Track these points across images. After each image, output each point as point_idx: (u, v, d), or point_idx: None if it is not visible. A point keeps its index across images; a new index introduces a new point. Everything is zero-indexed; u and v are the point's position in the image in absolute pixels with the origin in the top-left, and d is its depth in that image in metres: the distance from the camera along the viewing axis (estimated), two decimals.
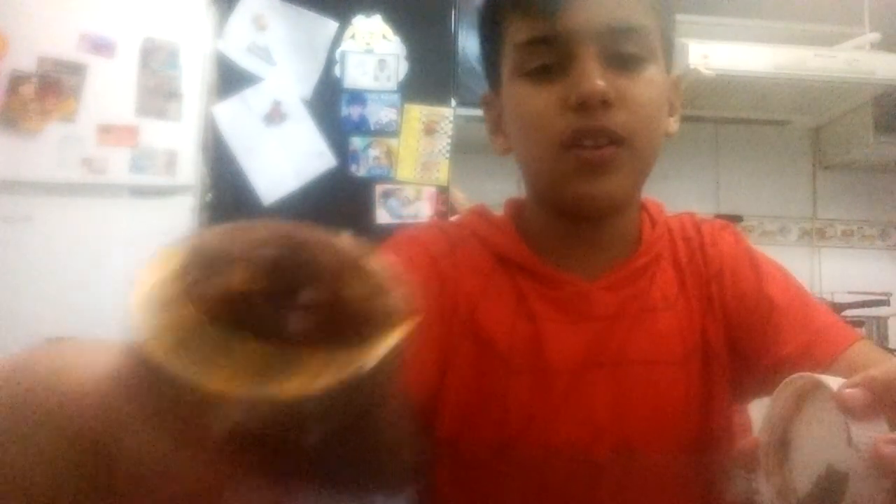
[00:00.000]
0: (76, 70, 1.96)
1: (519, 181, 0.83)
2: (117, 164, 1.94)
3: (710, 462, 0.73)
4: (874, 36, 2.45)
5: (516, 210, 0.84)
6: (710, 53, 2.32)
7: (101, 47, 1.99)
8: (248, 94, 2.13)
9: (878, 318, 2.42)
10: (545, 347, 0.73)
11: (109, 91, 1.97)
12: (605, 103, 0.68)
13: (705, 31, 2.48)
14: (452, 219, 0.86)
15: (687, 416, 0.74)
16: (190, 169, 1.98)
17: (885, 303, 2.48)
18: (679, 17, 2.64)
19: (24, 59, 1.95)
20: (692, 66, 2.30)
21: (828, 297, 2.64)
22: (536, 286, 0.76)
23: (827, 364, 0.68)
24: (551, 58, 0.71)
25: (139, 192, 1.95)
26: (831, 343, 0.70)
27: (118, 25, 2.01)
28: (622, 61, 0.70)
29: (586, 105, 0.68)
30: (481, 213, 0.84)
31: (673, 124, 0.80)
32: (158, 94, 2.00)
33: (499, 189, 2.68)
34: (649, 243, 0.80)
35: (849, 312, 2.51)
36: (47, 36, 1.97)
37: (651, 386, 0.73)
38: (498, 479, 0.72)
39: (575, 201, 0.74)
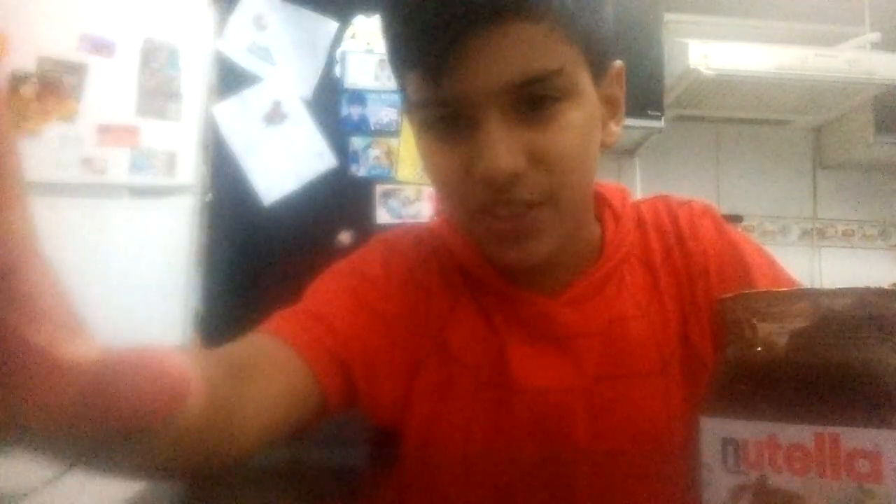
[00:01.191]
0: (76, 70, 1.96)
1: None
2: (117, 165, 1.94)
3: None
4: (874, 36, 2.45)
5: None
6: (711, 53, 2.32)
7: (101, 47, 1.98)
8: (248, 94, 2.13)
9: None
10: (512, 367, 0.70)
11: (109, 91, 1.97)
12: (513, 178, 0.61)
13: (705, 31, 2.48)
14: (426, 223, 0.83)
15: (670, 428, 0.70)
16: (190, 169, 1.98)
17: None
18: (679, 16, 2.65)
19: (25, 59, 1.95)
20: (692, 66, 2.30)
21: None
22: (500, 304, 0.73)
23: None
24: (450, 118, 0.63)
25: (139, 192, 1.95)
26: None
27: (118, 26, 2.00)
28: (533, 109, 0.62)
29: (492, 184, 0.61)
30: (451, 224, 0.78)
31: (612, 132, 0.73)
32: (158, 94, 1.99)
33: None
34: (613, 246, 0.75)
35: None
36: (47, 36, 1.97)
37: (628, 401, 0.70)
38: (464, 494, 0.69)
39: (500, 264, 0.71)
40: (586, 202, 0.73)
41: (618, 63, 0.75)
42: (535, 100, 0.61)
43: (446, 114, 0.63)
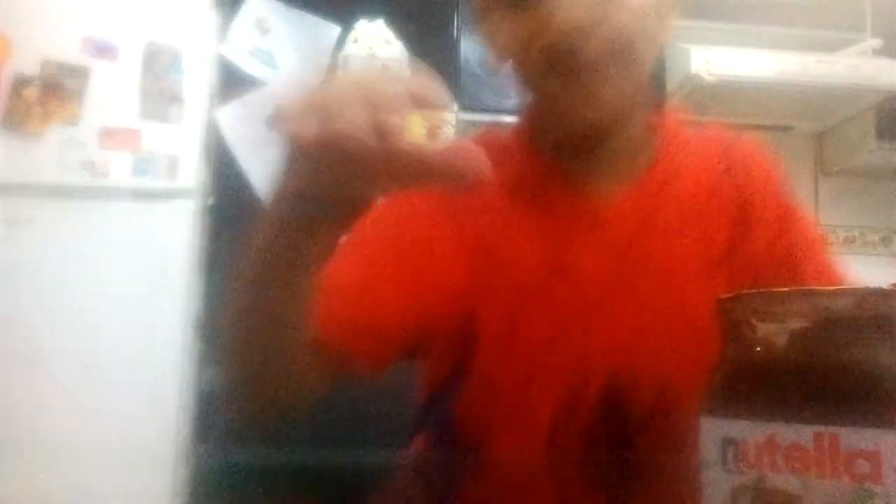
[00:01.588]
0: (79, 73, 1.97)
1: None
2: (119, 168, 1.95)
3: None
4: (876, 42, 2.45)
5: (530, 128, 0.82)
6: (712, 59, 2.32)
7: (104, 51, 1.99)
8: (251, 97, 2.13)
9: None
10: (568, 266, 0.73)
11: (112, 94, 1.98)
12: (579, 34, 0.66)
13: (707, 37, 2.48)
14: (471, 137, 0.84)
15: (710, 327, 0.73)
16: (192, 173, 1.98)
17: None
18: (681, 22, 2.64)
19: (28, 63, 1.95)
20: (694, 72, 2.31)
21: None
22: (553, 207, 0.76)
23: None
24: None
25: (141, 195, 1.95)
26: None
27: (121, 29, 2.01)
28: None
29: (557, 43, 0.66)
30: (497, 134, 0.82)
31: (666, 30, 0.76)
32: (161, 97, 2.00)
33: None
34: (666, 160, 0.79)
35: None
36: (50, 39, 1.97)
37: (674, 293, 0.73)
38: (528, 397, 0.72)
39: (568, 124, 0.73)
40: (645, 69, 0.74)
41: None
42: None
43: None
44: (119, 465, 1.74)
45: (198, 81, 2.04)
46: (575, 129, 0.74)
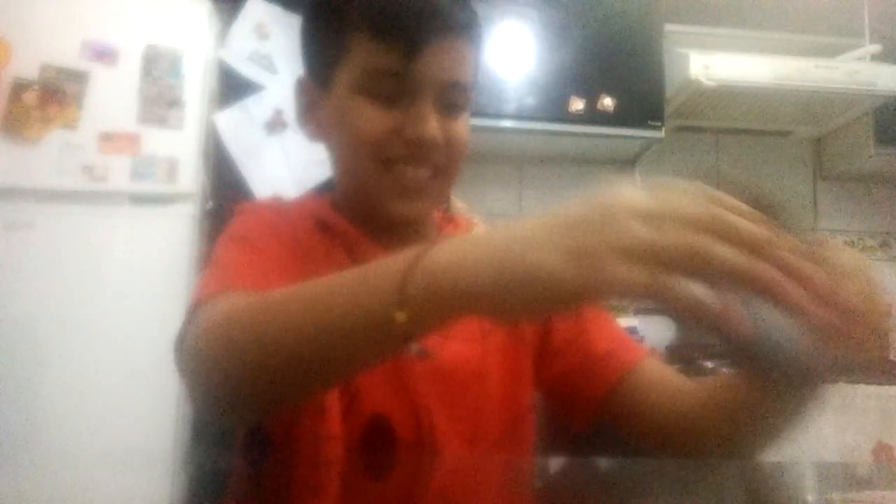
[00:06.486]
0: (78, 78, 1.97)
1: (519, 191, 0.88)
2: (118, 172, 1.95)
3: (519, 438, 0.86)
4: (875, 47, 2.46)
5: (328, 190, 0.93)
6: (711, 64, 2.32)
7: (104, 55, 1.99)
8: (250, 102, 2.13)
9: None
10: None
11: (111, 99, 1.98)
12: (435, 145, 0.79)
13: (706, 42, 2.49)
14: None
15: (485, 387, 0.83)
16: (191, 177, 1.98)
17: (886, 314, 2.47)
18: (680, 27, 2.66)
19: (27, 67, 1.95)
20: (693, 77, 2.31)
21: None
22: (341, 246, 0.84)
23: (630, 367, 0.85)
24: (396, 90, 0.78)
25: (140, 199, 1.95)
26: (631, 351, 0.87)
27: (120, 33, 2.01)
28: (450, 109, 0.81)
29: (419, 146, 0.78)
30: (305, 192, 0.95)
31: None
32: (160, 101, 2.00)
33: (499, 198, 2.71)
34: (446, 234, 0.91)
35: None
36: (50, 43, 1.98)
37: (450, 356, 0.80)
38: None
39: (386, 217, 0.83)
40: (449, 194, 0.90)
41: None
42: (451, 105, 0.81)
43: (392, 85, 0.78)
44: (118, 467, 1.74)
45: (197, 86, 2.04)
46: (389, 226, 0.84)
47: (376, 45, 0.77)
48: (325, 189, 0.94)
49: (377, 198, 0.82)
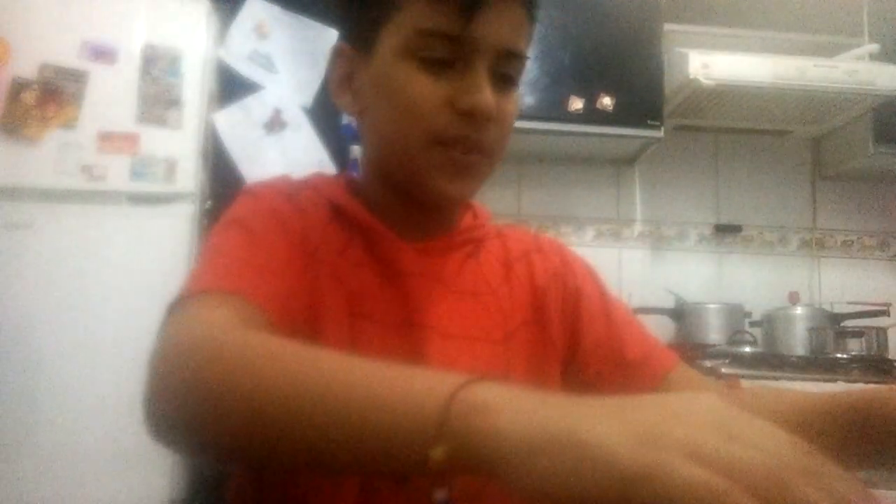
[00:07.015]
0: (77, 77, 1.97)
1: (518, 191, 0.87)
2: (117, 172, 1.95)
3: None
4: (874, 47, 2.46)
5: (348, 179, 0.88)
6: (711, 63, 2.32)
7: (103, 55, 1.99)
8: (249, 101, 2.13)
9: (878, 329, 2.41)
10: (360, 293, 0.76)
11: (110, 98, 1.98)
12: (490, 117, 0.72)
13: (705, 41, 2.49)
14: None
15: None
16: (190, 177, 1.98)
17: (885, 313, 2.48)
18: (680, 27, 2.66)
19: (26, 66, 1.95)
20: (692, 76, 2.31)
21: (827, 308, 2.63)
22: (362, 239, 0.79)
23: (661, 375, 0.83)
24: (449, 54, 0.72)
25: (139, 199, 1.95)
26: (664, 359, 0.85)
27: (119, 33, 2.01)
28: (503, 80, 0.75)
29: (474, 115, 0.72)
30: (319, 172, 0.88)
31: None
32: (159, 101, 2.00)
33: (498, 197, 2.71)
34: (467, 228, 0.86)
35: (848, 323, 2.51)
36: (49, 43, 1.97)
37: (469, 359, 0.77)
38: None
39: (432, 194, 0.77)
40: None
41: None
42: (505, 77, 0.75)
43: (447, 48, 0.72)
44: (117, 467, 1.74)
45: (196, 85, 2.04)
46: (427, 205, 0.80)
47: (432, 2, 0.71)
48: (343, 176, 0.90)
49: (425, 176, 0.75)
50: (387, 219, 0.79)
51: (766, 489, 0.34)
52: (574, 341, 0.86)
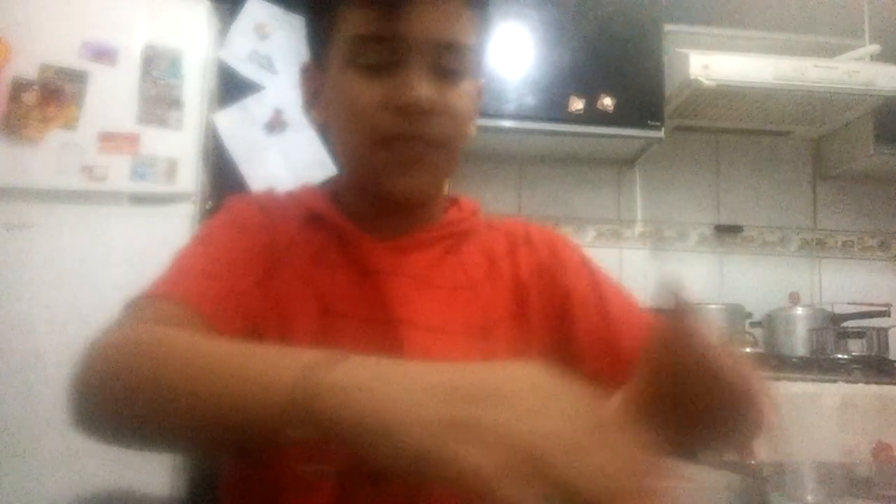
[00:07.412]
0: (78, 78, 1.97)
1: (518, 191, 0.86)
2: (118, 172, 1.94)
3: None
4: (874, 47, 2.46)
5: (332, 182, 0.91)
6: (711, 64, 2.32)
7: (103, 55, 1.99)
8: (250, 102, 2.13)
9: (879, 330, 2.41)
10: (332, 293, 0.78)
11: (111, 99, 1.97)
12: (426, 112, 0.74)
13: (706, 42, 2.49)
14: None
15: None
16: (190, 177, 1.98)
17: (886, 314, 2.48)
18: (680, 27, 2.66)
19: (27, 67, 1.95)
20: (693, 77, 2.31)
21: (828, 309, 2.63)
22: (338, 242, 0.82)
23: None
24: (383, 57, 0.74)
25: (139, 199, 1.95)
26: None
27: (120, 33, 2.01)
28: (445, 73, 0.76)
29: (408, 111, 0.73)
30: (304, 184, 0.91)
31: (473, 127, 0.86)
32: (159, 101, 2.00)
33: (498, 197, 2.71)
34: (447, 223, 0.87)
35: (849, 323, 2.51)
36: (49, 43, 1.97)
37: (445, 352, 0.77)
38: None
39: (385, 193, 0.79)
40: (456, 163, 0.83)
41: (483, 80, 0.88)
42: (447, 69, 0.76)
43: (379, 51, 0.74)
44: (116, 467, 1.74)
45: (197, 86, 2.04)
46: (390, 204, 0.81)
47: (359, 9, 0.74)
48: (328, 183, 0.92)
49: (376, 175, 0.78)
50: (362, 220, 0.82)
51: (539, 468, 0.39)
52: (565, 339, 0.84)
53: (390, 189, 0.78)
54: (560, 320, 0.84)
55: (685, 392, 0.55)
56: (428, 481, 0.42)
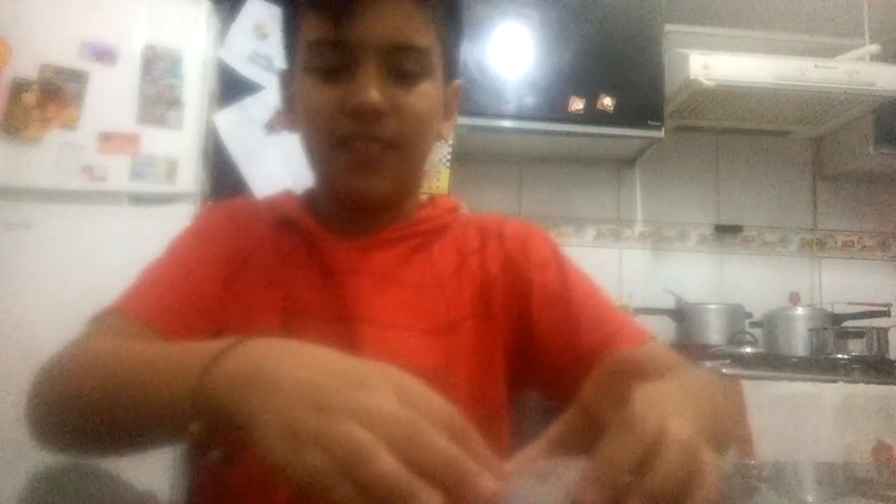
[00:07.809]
0: (78, 78, 1.97)
1: (518, 191, 0.86)
2: (118, 172, 1.94)
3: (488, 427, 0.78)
4: (874, 48, 2.46)
5: (306, 192, 0.92)
6: (711, 64, 2.33)
7: (103, 55, 1.99)
8: (250, 102, 2.13)
9: (879, 330, 2.41)
10: (297, 294, 0.80)
11: (111, 99, 1.97)
12: (377, 113, 0.74)
13: (706, 42, 2.49)
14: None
15: (449, 378, 0.78)
16: (190, 176, 1.98)
17: (886, 314, 2.48)
18: (680, 27, 2.66)
19: (26, 67, 1.95)
20: (693, 77, 2.31)
21: (828, 309, 2.63)
22: (303, 242, 0.83)
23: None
24: (336, 61, 0.75)
25: (139, 199, 1.95)
26: (628, 341, 0.78)
27: (120, 33, 2.01)
28: (400, 75, 0.76)
29: (359, 113, 0.74)
30: (285, 189, 0.92)
31: (447, 129, 0.87)
32: (159, 101, 2.00)
33: (499, 198, 2.71)
34: (416, 221, 0.87)
35: (849, 323, 2.51)
36: (49, 43, 1.97)
37: (405, 350, 0.77)
38: None
39: (344, 194, 0.82)
40: (421, 164, 0.85)
41: (458, 82, 0.88)
42: (402, 71, 0.76)
43: (332, 55, 0.75)
44: (116, 466, 1.74)
45: (196, 86, 2.04)
46: (352, 207, 0.83)
47: (313, 15, 0.76)
48: (309, 188, 0.93)
49: (335, 176, 0.80)
50: (331, 222, 0.84)
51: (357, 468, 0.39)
52: (527, 332, 0.82)
53: (348, 190, 0.80)
54: (518, 316, 0.83)
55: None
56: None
